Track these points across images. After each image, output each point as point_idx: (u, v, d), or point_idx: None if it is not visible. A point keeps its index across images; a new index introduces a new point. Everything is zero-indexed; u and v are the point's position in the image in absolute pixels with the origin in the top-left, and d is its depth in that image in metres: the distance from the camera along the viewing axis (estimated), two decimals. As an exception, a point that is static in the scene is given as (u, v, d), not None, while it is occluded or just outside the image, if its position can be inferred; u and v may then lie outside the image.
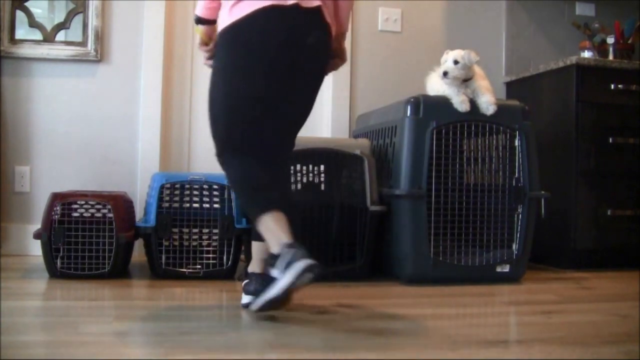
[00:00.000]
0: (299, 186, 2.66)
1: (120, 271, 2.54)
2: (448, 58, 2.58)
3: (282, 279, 1.73)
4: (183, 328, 1.78)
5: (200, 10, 2.04)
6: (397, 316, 2.04)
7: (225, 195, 2.58)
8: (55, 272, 2.46)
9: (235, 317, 1.94)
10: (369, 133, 3.03)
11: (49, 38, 3.14)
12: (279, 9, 1.89)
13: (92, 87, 3.18)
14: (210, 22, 2.05)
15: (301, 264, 1.71)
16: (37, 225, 2.60)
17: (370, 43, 3.49)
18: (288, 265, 1.72)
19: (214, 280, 2.52)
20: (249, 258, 2.91)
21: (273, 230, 1.82)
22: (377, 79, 3.49)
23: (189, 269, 2.54)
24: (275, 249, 1.79)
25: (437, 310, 2.13)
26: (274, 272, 1.76)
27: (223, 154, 2.01)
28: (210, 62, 2.08)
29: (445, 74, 2.56)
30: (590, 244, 3.04)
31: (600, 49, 3.44)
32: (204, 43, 2.09)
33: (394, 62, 3.52)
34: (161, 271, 2.53)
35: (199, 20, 2.06)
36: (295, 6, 1.91)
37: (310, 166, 2.68)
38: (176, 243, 2.57)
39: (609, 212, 3.03)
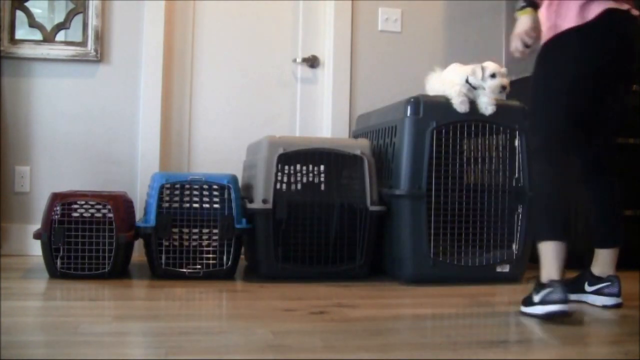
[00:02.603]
0: (299, 186, 2.66)
1: (120, 271, 2.54)
2: (484, 74, 2.56)
3: (537, 310, 1.92)
4: (183, 328, 1.78)
5: None
6: (397, 316, 2.04)
7: (225, 195, 2.58)
8: (55, 272, 2.46)
9: (235, 317, 1.94)
10: (369, 133, 3.03)
11: (49, 38, 3.14)
12: (618, 13, 1.96)
13: (92, 87, 3.18)
14: (538, 7, 2.00)
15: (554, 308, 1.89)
16: (37, 225, 2.60)
17: (370, 43, 3.49)
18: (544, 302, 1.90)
19: (214, 280, 2.52)
20: (249, 258, 2.92)
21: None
22: (377, 79, 3.49)
23: (189, 269, 2.54)
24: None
25: (437, 310, 2.13)
26: (535, 298, 1.93)
27: (542, 157, 2.06)
28: (523, 50, 2.01)
29: (504, 88, 2.56)
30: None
31: (600, 49, 3.43)
32: (531, 31, 1.99)
33: (394, 62, 3.52)
34: (161, 271, 2.53)
35: (533, 4, 1.99)
36: (628, 12, 1.97)
37: (310, 166, 2.68)
38: (176, 243, 2.57)
39: (609, 212, 3.02)
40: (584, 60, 1.99)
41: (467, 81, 2.59)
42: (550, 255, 1.96)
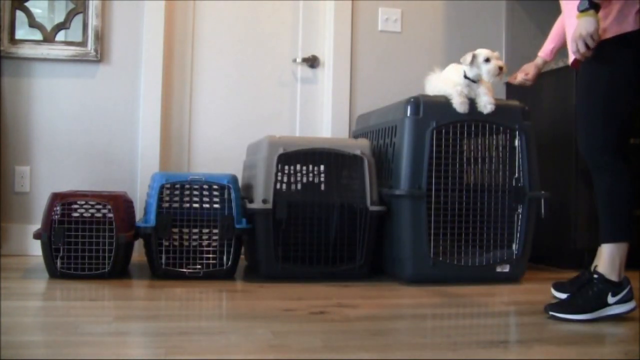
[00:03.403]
0: (299, 186, 2.67)
1: (120, 271, 2.54)
2: (477, 60, 2.56)
3: (620, 309, 1.99)
4: (183, 328, 1.78)
5: None
6: (397, 316, 2.04)
7: (225, 196, 2.58)
8: (55, 272, 2.46)
9: (235, 317, 1.94)
10: (369, 133, 3.03)
11: (49, 38, 3.14)
12: None
13: (92, 87, 3.18)
14: (599, 9, 1.98)
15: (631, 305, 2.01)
16: (37, 225, 2.60)
17: (370, 43, 3.49)
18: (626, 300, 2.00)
19: (214, 280, 2.52)
20: (249, 258, 2.92)
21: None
22: (377, 79, 3.49)
23: (189, 269, 2.54)
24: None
25: (437, 310, 2.13)
26: (611, 299, 1.99)
27: (604, 158, 2.06)
28: (586, 52, 1.99)
29: (500, 69, 2.56)
30: (590, 244, 3.03)
31: (601, 49, 3.43)
32: (596, 33, 1.97)
33: (394, 62, 3.52)
34: (161, 271, 2.53)
35: (596, 6, 1.96)
36: None
37: (310, 166, 2.68)
38: (176, 243, 2.57)
39: (609, 212, 3.02)
40: None
41: (465, 76, 2.59)
42: (623, 256, 2.01)
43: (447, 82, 2.65)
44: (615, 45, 2.00)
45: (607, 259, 2.02)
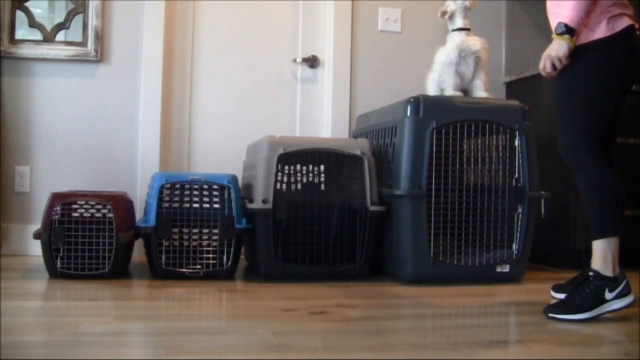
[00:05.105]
0: (299, 186, 2.67)
1: (120, 271, 2.54)
2: (451, 5, 2.73)
3: (618, 304, 2.00)
4: (183, 328, 1.78)
5: (576, 21, 2.04)
6: (397, 316, 2.04)
7: (225, 195, 2.58)
8: (55, 272, 2.46)
9: (235, 317, 1.94)
10: (369, 133, 3.03)
11: (49, 38, 3.14)
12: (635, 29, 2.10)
13: (92, 87, 3.19)
14: (574, 34, 2.08)
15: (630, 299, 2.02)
16: (37, 225, 2.60)
17: (370, 43, 3.49)
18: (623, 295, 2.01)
19: (214, 280, 2.52)
20: (249, 258, 2.92)
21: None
22: (377, 79, 3.49)
23: (189, 269, 2.54)
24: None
25: (437, 310, 2.13)
26: (609, 294, 2.00)
27: (584, 156, 2.10)
28: (553, 72, 2.12)
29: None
30: (590, 244, 3.03)
31: (600, 49, 3.43)
32: (565, 58, 2.08)
33: (394, 62, 3.52)
34: (161, 271, 2.53)
35: (571, 31, 2.06)
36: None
37: (310, 166, 2.68)
38: (176, 243, 2.57)
39: (609, 212, 3.02)
40: (622, 61, 2.08)
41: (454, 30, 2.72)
42: (615, 251, 2.04)
43: (443, 55, 2.74)
44: (590, 50, 2.08)
45: (599, 255, 2.04)
